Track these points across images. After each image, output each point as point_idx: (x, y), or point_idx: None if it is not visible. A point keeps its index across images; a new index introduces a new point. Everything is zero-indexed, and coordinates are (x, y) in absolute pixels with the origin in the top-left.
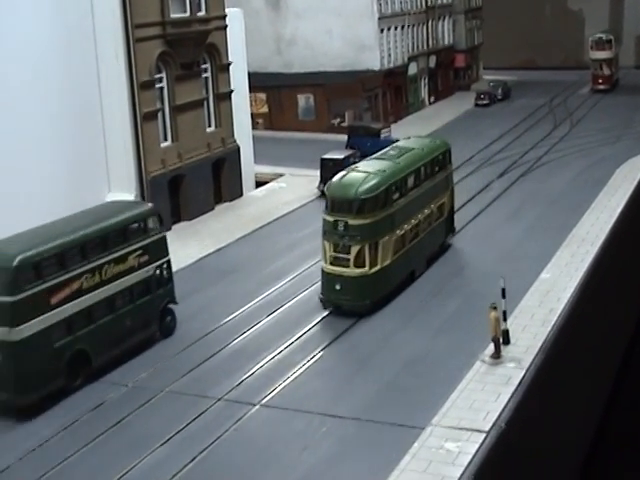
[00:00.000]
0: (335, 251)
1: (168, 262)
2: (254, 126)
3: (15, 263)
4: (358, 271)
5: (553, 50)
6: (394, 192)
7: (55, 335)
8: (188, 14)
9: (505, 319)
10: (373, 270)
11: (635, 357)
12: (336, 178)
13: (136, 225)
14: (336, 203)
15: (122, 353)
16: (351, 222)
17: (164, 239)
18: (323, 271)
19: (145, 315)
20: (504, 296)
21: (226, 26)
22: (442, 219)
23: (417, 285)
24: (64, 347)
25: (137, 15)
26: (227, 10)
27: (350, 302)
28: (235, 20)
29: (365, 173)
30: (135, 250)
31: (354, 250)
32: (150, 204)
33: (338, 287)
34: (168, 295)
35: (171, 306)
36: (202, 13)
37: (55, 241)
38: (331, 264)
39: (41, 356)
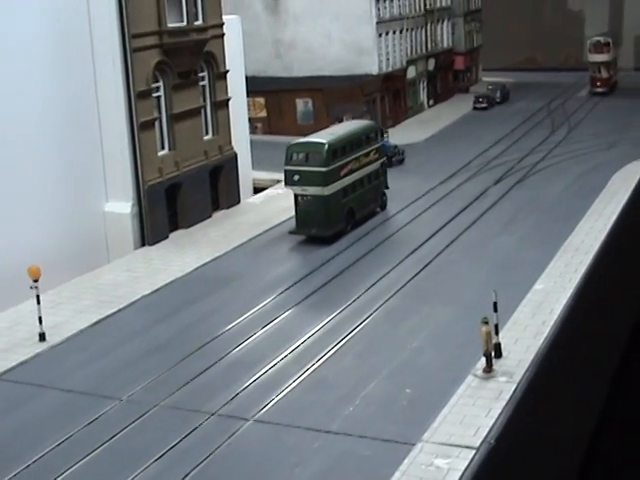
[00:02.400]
0: None
1: (384, 162)
2: (253, 130)
3: (326, 147)
4: None
5: (553, 51)
6: None
7: (341, 195)
8: (185, 23)
9: (497, 333)
10: None
11: (629, 370)
12: None
13: (372, 134)
14: None
15: (365, 215)
16: None
17: (383, 146)
18: None
19: (375, 193)
20: (496, 310)
21: (223, 34)
22: None
23: (409, 294)
24: (344, 204)
25: (134, 25)
26: (225, 17)
27: None
28: (233, 27)
29: None
30: (372, 150)
31: None
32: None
33: None
34: (385, 182)
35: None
36: (199, 22)
37: (340, 137)
38: None
39: (335, 207)
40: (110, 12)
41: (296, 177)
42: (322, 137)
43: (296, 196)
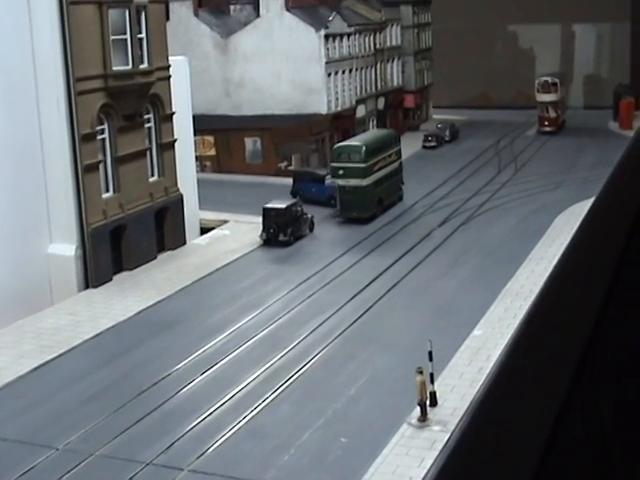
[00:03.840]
0: None
1: (401, 162)
2: (202, 169)
3: (364, 148)
4: None
5: (504, 89)
6: None
7: (374, 187)
8: (130, 67)
9: (432, 381)
10: None
11: (568, 419)
12: None
13: (393, 140)
14: None
15: (386, 206)
16: None
17: (400, 149)
18: None
19: (395, 186)
20: (431, 359)
21: (169, 76)
22: None
23: (349, 340)
24: (375, 193)
25: (78, 68)
26: (172, 59)
27: None
28: (180, 68)
29: None
30: (393, 152)
31: None
32: (395, 131)
33: None
34: (401, 179)
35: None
36: (145, 65)
37: (371, 141)
38: None
39: (371, 195)
40: (55, 55)
41: (341, 172)
42: (359, 140)
43: (340, 186)
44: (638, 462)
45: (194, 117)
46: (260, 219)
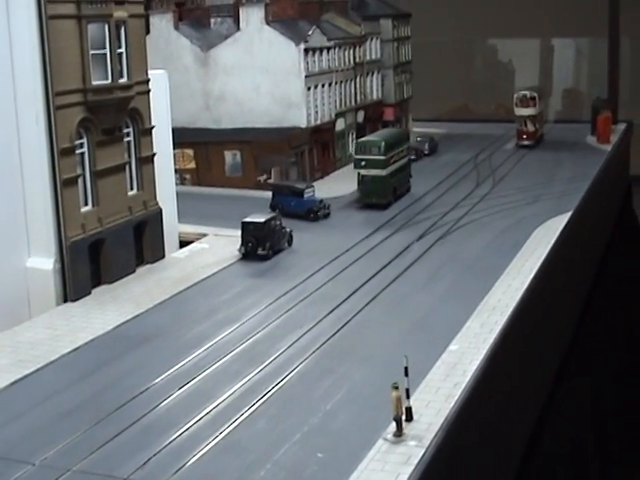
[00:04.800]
0: None
1: (409, 158)
2: (182, 182)
3: (383, 143)
4: None
5: (484, 102)
6: None
7: (390, 177)
8: (110, 81)
9: (408, 397)
10: None
11: (543, 433)
12: None
13: (404, 137)
14: None
15: (399, 194)
16: None
17: (410, 146)
18: None
19: (406, 178)
20: (407, 374)
21: (149, 90)
22: None
23: (326, 355)
24: (391, 183)
25: (58, 82)
26: (151, 73)
27: None
28: (159, 83)
29: None
30: (405, 148)
31: None
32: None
33: None
34: (410, 172)
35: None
36: (124, 80)
37: (388, 137)
38: None
39: (388, 184)
40: (34, 69)
41: (363, 163)
42: (378, 136)
43: (361, 176)
44: (615, 463)
45: (174, 130)
46: (239, 233)
